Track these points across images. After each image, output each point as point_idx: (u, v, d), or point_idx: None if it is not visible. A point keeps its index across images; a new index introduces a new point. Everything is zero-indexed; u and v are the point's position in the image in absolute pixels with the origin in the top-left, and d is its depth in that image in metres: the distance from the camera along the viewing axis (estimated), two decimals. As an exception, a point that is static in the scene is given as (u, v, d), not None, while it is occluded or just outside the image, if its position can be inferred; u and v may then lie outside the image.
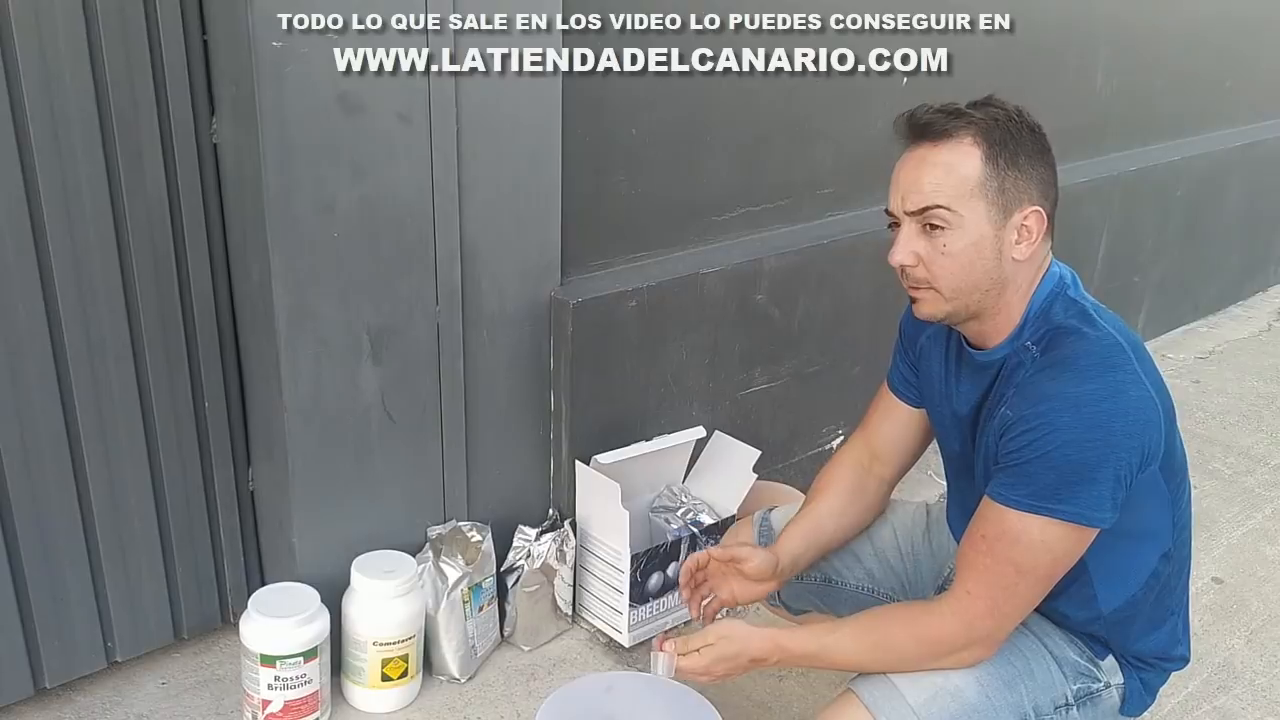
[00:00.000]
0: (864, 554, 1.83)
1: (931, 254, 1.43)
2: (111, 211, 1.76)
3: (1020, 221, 1.42)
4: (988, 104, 1.45)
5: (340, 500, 2.00)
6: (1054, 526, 1.36)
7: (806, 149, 2.64)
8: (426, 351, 2.01)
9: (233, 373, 1.99)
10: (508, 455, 2.22)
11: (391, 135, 1.84)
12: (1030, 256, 1.44)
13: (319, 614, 1.91)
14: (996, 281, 1.44)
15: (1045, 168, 1.44)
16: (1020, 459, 1.37)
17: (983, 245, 1.42)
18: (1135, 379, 1.38)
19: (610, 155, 2.23)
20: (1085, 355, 1.39)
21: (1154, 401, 1.38)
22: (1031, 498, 1.36)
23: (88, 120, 1.69)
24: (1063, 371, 1.38)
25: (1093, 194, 3.46)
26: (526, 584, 2.17)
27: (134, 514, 1.94)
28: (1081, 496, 1.34)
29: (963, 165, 1.40)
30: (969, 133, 1.41)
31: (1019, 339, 1.47)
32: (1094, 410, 1.34)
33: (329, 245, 1.83)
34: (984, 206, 1.40)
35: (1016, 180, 1.40)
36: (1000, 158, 1.40)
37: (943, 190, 1.41)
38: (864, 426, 1.81)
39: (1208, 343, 4.19)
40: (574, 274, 2.23)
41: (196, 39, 1.77)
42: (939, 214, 1.41)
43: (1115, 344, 1.41)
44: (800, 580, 1.81)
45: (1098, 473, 1.34)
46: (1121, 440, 1.34)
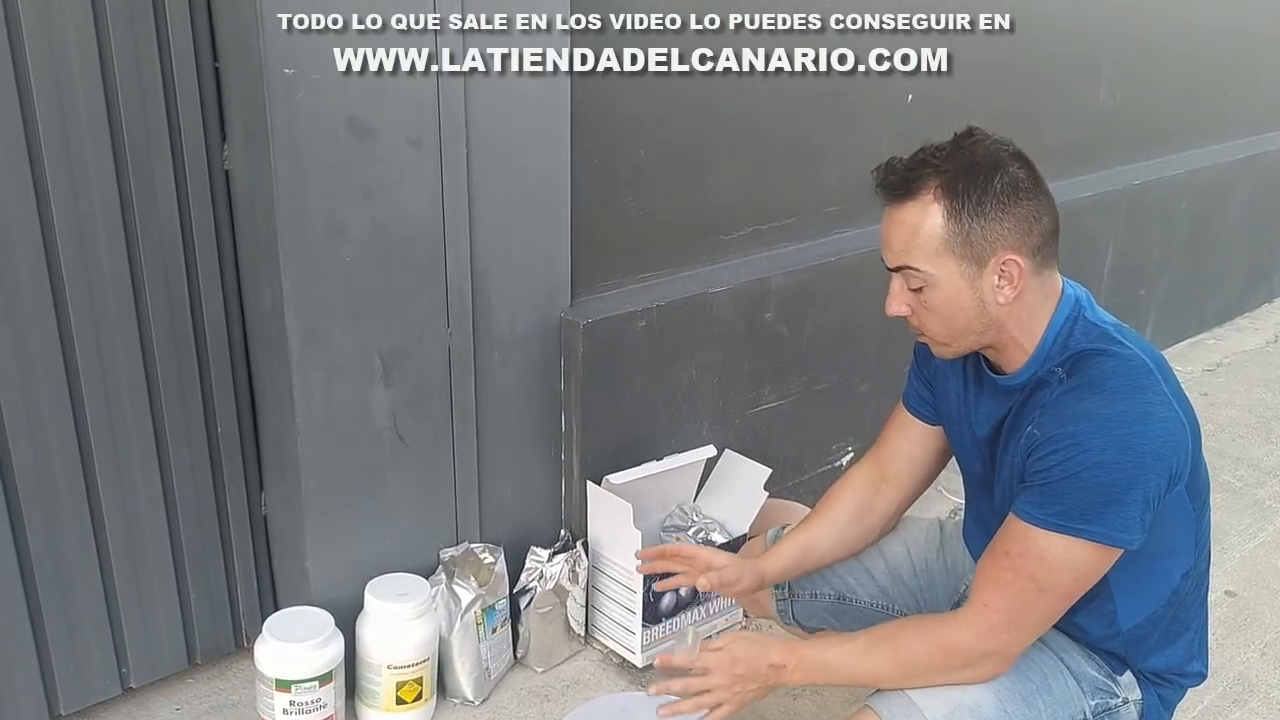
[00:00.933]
0: (877, 571, 1.83)
1: (917, 307, 1.46)
2: (124, 237, 1.77)
3: (997, 269, 1.40)
4: (963, 145, 1.42)
5: (353, 523, 2.01)
6: (1079, 546, 1.36)
7: (812, 167, 2.65)
8: (438, 373, 2.01)
9: (245, 397, 2.00)
10: (519, 476, 2.22)
11: (402, 158, 1.85)
12: (1020, 296, 1.42)
13: (334, 637, 1.91)
14: (988, 325, 1.45)
15: (1021, 208, 1.39)
16: (1049, 478, 1.37)
17: (960, 298, 1.42)
18: (1164, 400, 1.37)
19: (618, 175, 2.24)
20: (1114, 376, 1.38)
21: (1182, 422, 1.38)
22: (1059, 517, 1.36)
23: (101, 148, 1.70)
24: (1093, 392, 1.38)
25: (1097, 208, 3.47)
26: (539, 605, 2.17)
27: (147, 539, 1.94)
28: (1110, 517, 1.34)
29: (925, 224, 1.39)
30: (930, 188, 1.39)
31: (1043, 364, 1.46)
32: (1124, 432, 1.34)
33: (340, 268, 1.84)
34: (953, 261, 1.40)
35: (984, 231, 1.38)
36: (964, 211, 1.38)
37: (910, 251, 1.41)
38: (878, 445, 1.80)
39: (1215, 355, 4.19)
40: (583, 294, 2.23)
41: (208, 67, 1.79)
42: (911, 274, 1.43)
43: (1143, 364, 1.40)
44: (814, 598, 1.81)
45: (1127, 494, 1.33)
46: (1151, 462, 1.33)
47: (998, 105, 3.09)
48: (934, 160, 1.40)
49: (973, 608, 1.44)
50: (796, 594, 1.83)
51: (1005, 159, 1.40)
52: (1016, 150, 1.43)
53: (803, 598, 1.82)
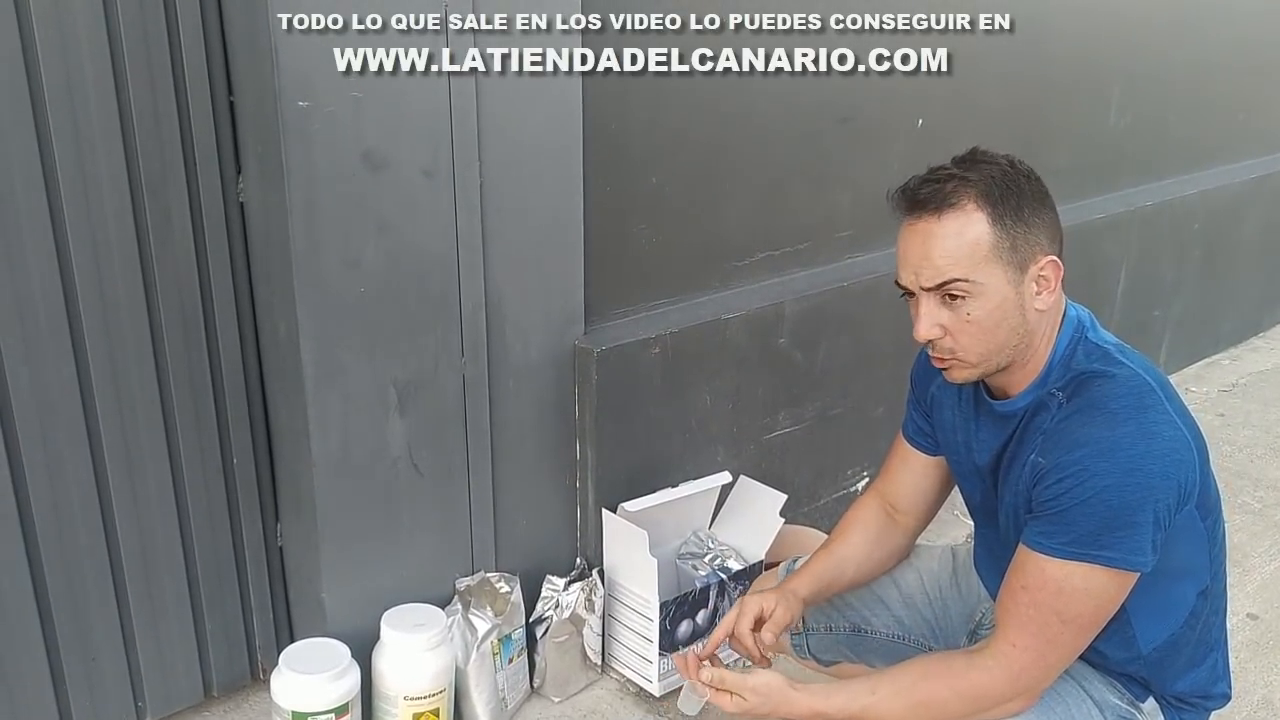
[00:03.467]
0: (891, 601, 1.81)
1: (956, 323, 1.41)
2: (141, 270, 1.78)
3: (1037, 273, 1.40)
4: (977, 160, 1.42)
5: (369, 554, 2.00)
6: (1097, 573, 1.35)
7: (824, 193, 2.65)
8: (453, 403, 2.02)
9: (260, 428, 2.00)
10: (534, 504, 2.22)
11: (416, 190, 1.85)
12: (1053, 304, 1.43)
13: (350, 669, 1.90)
14: (1023, 337, 1.42)
15: (1049, 211, 1.41)
16: (1058, 506, 1.36)
17: (1006, 306, 1.39)
18: (1167, 418, 1.36)
19: (631, 203, 2.24)
20: (1115, 398, 1.37)
21: (1187, 440, 1.36)
22: (1072, 545, 1.35)
23: (117, 181, 1.72)
24: (1094, 415, 1.36)
25: (1110, 229, 3.47)
26: (555, 634, 2.16)
27: (163, 571, 1.94)
28: (1123, 541, 1.33)
29: (970, 232, 1.37)
30: (969, 197, 1.37)
31: (1043, 387, 1.45)
32: (1129, 453, 1.32)
33: (355, 300, 1.84)
34: (1000, 269, 1.38)
35: (1026, 234, 1.38)
36: (1006, 216, 1.37)
37: (957, 262, 1.38)
38: (882, 477, 1.80)
39: (1230, 376, 4.17)
40: (597, 322, 2.24)
41: (223, 100, 1.80)
42: (958, 286, 1.38)
43: (1144, 383, 1.39)
44: (829, 632, 1.79)
45: (1137, 516, 1.32)
46: (1159, 482, 1.32)
47: (1008, 127, 3.09)
48: (960, 173, 1.39)
49: (998, 648, 1.42)
50: (811, 628, 1.81)
51: (1020, 169, 1.41)
52: (1021, 163, 1.43)
53: (818, 631, 1.81)
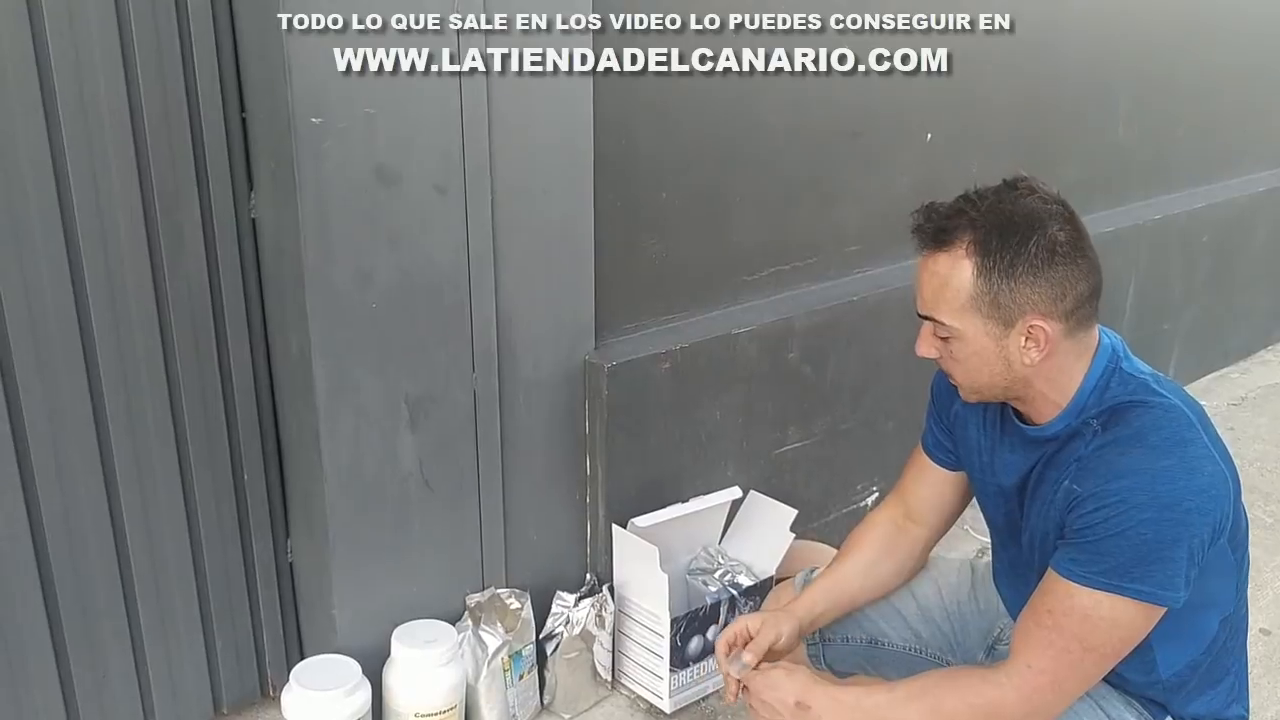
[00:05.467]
0: (909, 614, 1.80)
1: (945, 355, 1.44)
2: (153, 285, 1.78)
3: (1024, 330, 1.36)
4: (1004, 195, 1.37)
5: (379, 570, 2.00)
6: (1126, 605, 1.33)
7: (833, 207, 2.65)
8: (463, 418, 2.01)
9: (271, 444, 2.00)
10: (545, 520, 2.22)
11: (428, 206, 1.86)
12: (1049, 357, 1.39)
13: (361, 685, 1.89)
14: (1015, 381, 1.42)
15: (1054, 273, 1.34)
16: (1093, 536, 1.34)
17: (985, 355, 1.39)
18: (1207, 453, 1.34)
19: (641, 219, 2.25)
20: (1155, 430, 1.35)
21: (1225, 476, 1.34)
22: (1104, 575, 1.33)
23: (130, 197, 1.72)
24: (1134, 447, 1.34)
25: (1118, 243, 3.46)
26: (566, 651, 2.15)
27: (174, 587, 1.94)
28: (1156, 575, 1.31)
29: (954, 278, 1.36)
30: (964, 241, 1.35)
31: (1076, 416, 1.42)
32: (1170, 488, 1.30)
33: (367, 315, 1.84)
34: (979, 320, 1.37)
35: (1013, 293, 1.34)
36: (994, 271, 1.34)
37: (938, 304, 1.39)
38: (899, 488, 1.79)
39: (1239, 389, 4.16)
40: (607, 337, 2.23)
41: (236, 117, 1.81)
42: (939, 326, 1.41)
43: (1183, 415, 1.36)
44: (846, 643, 1.79)
45: (1173, 552, 1.30)
46: (1197, 519, 1.30)
47: (1016, 142, 3.10)
48: (972, 211, 1.36)
49: (1015, 667, 1.40)
50: (828, 639, 1.81)
51: (1047, 218, 1.35)
52: (1062, 209, 1.37)
53: (834, 642, 1.80)
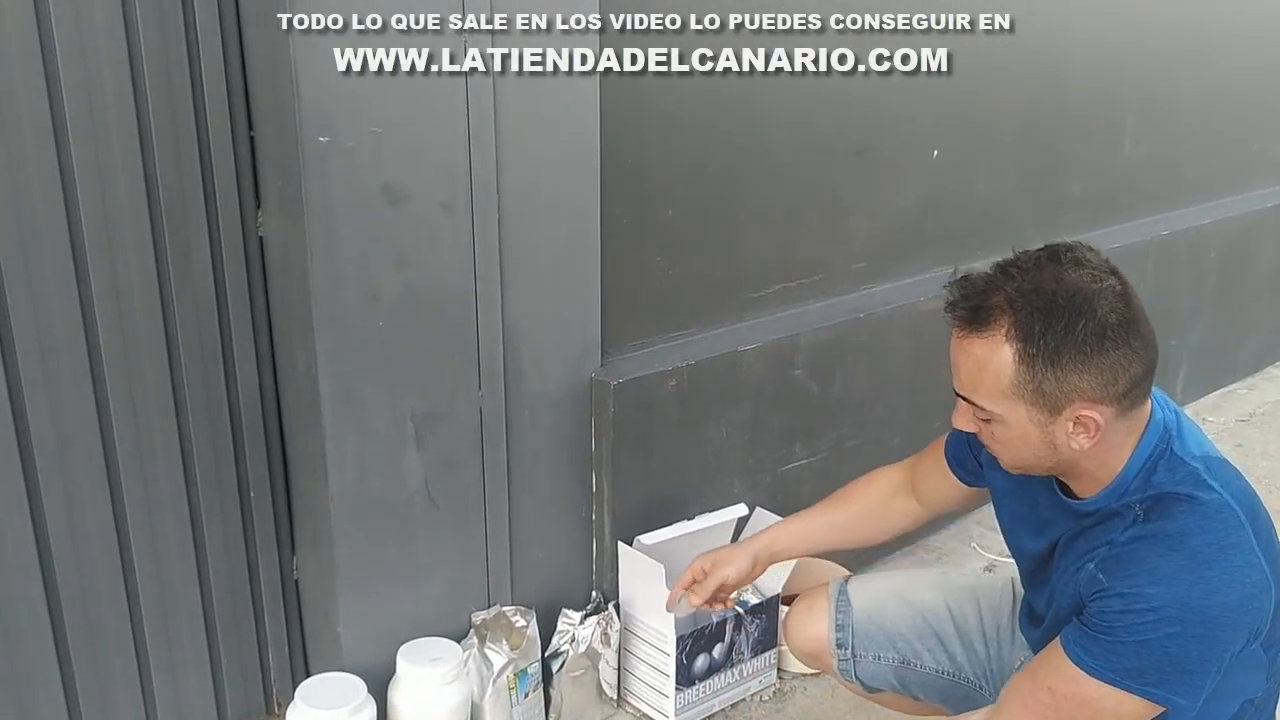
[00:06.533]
0: (947, 637, 1.77)
1: (985, 433, 1.37)
2: (160, 303, 1.79)
3: (1072, 417, 1.28)
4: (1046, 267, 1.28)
5: (385, 588, 2.00)
6: (1132, 702, 1.28)
7: (839, 224, 2.65)
8: (470, 436, 2.01)
9: (277, 461, 2.00)
10: (550, 538, 2.22)
11: (434, 224, 1.86)
12: (1100, 440, 1.30)
13: (366, 703, 1.89)
14: (1060, 463, 1.35)
15: (1106, 359, 1.25)
16: (1114, 635, 1.28)
17: (1030, 439, 1.32)
18: (1252, 560, 1.26)
19: (647, 235, 2.25)
20: (1200, 533, 1.26)
21: (1269, 583, 1.27)
22: (1117, 673, 1.28)
23: (138, 215, 1.73)
24: (1174, 550, 1.26)
25: (1125, 259, 3.40)
26: (571, 668, 2.15)
27: (179, 604, 1.94)
28: (1174, 684, 1.26)
29: (994, 363, 1.27)
30: (1003, 324, 1.27)
31: (1118, 497, 1.35)
32: (1206, 604, 1.23)
33: (374, 333, 1.85)
34: (1023, 407, 1.29)
35: (1059, 381, 1.25)
36: (1038, 358, 1.25)
37: (978, 389, 1.31)
38: (916, 462, 1.78)
39: (1247, 405, 4.14)
40: (614, 354, 2.23)
41: (244, 135, 1.81)
42: (980, 410, 1.33)
43: (1232, 515, 1.28)
44: (878, 660, 1.76)
45: (1196, 665, 1.25)
46: (1229, 634, 1.25)
47: (1023, 158, 3.10)
48: (1011, 289, 1.27)
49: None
50: (860, 655, 1.77)
51: (1095, 298, 1.25)
52: (1113, 283, 1.28)
53: (866, 659, 1.77)
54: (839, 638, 1.76)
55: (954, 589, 1.80)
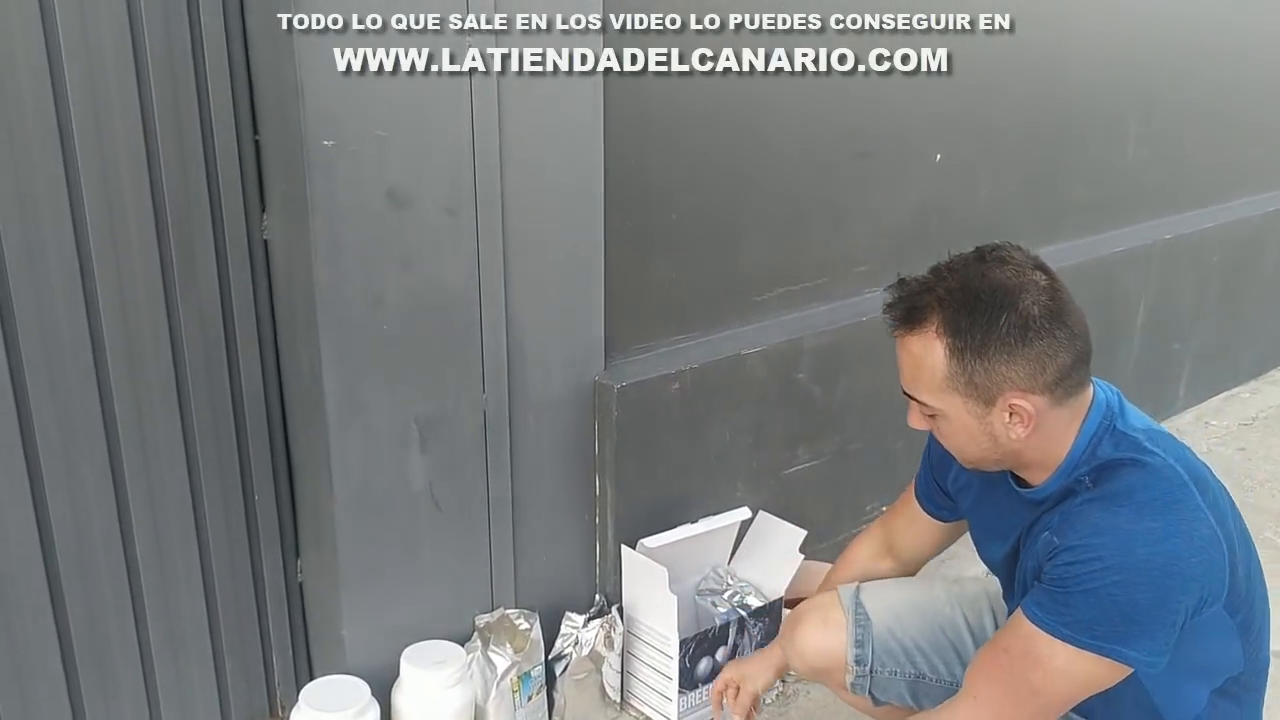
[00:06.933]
0: (966, 650, 1.74)
1: (936, 430, 1.44)
2: (165, 306, 1.79)
3: (1006, 407, 1.34)
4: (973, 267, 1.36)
5: (389, 590, 2.00)
6: (1085, 659, 1.31)
7: (842, 228, 2.66)
8: (473, 439, 2.02)
9: (282, 464, 2.01)
10: (554, 541, 2.22)
11: (439, 228, 1.87)
12: (1036, 429, 1.36)
13: (370, 706, 1.89)
14: (1006, 455, 1.41)
15: (1031, 349, 1.31)
16: (1063, 587, 1.32)
17: (971, 431, 1.38)
18: (1198, 515, 1.30)
19: (651, 239, 2.25)
20: (1144, 489, 1.32)
21: (1218, 538, 1.30)
22: (1068, 627, 1.31)
23: (143, 218, 1.73)
24: (1120, 505, 1.31)
25: (1129, 263, 3.46)
26: (575, 672, 2.15)
27: (184, 607, 1.94)
28: (1123, 636, 1.29)
29: (928, 359, 1.35)
30: (933, 321, 1.34)
31: (1069, 475, 1.40)
32: (1150, 551, 1.27)
33: (378, 337, 1.85)
34: (959, 400, 1.35)
35: (988, 373, 1.32)
36: (966, 350, 1.32)
37: (918, 385, 1.39)
38: (886, 521, 1.83)
39: (1250, 409, 4.14)
40: (617, 358, 2.24)
41: (248, 139, 1.82)
42: (921, 406, 1.41)
43: (1176, 475, 1.33)
44: (893, 676, 1.75)
45: (1145, 616, 1.28)
46: (1178, 584, 1.28)
47: (1026, 162, 3.10)
48: (940, 288, 1.35)
49: (962, 697, 1.41)
50: (877, 671, 1.75)
51: (1018, 293, 1.32)
52: (1037, 278, 1.34)
53: (882, 675, 1.75)
54: (858, 654, 1.71)
55: (968, 599, 1.78)
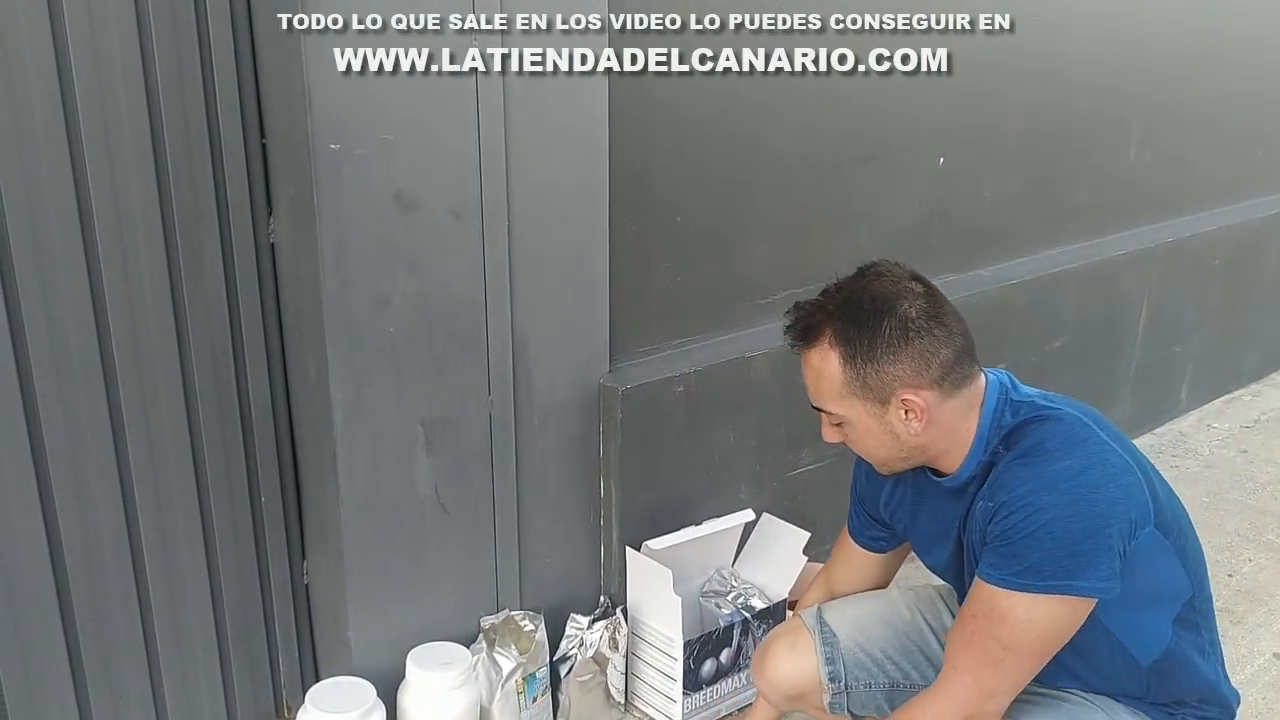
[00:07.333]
0: (932, 652, 1.78)
1: (847, 440, 1.54)
2: (173, 309, 1.80)
3: (899, 405, 1.45)
4: (855, 283, 1.47)
5: (395, 592, 2.01)
6: (1042, 603, 1.37)
7: (845, 230, 2.66)
8: (479, 441, 2.03)
9: (288, 467, 2.02)
10: (559, 542, 2.23)
11: (445, 231, 1.87)
12: (932, 422, 1.46)
13: (375, 708, 1.90)
14: (912, 450, 1.50)
15: (913, 348, 1.43)
16: (1006, 540, 1.39)
17: (875, 432, 1.48)
18: (1106, 448, 1.41)
19: (655, 242, 2.26)
20: (1052, 436, 1.43)
21: (1129, 464, 1.41)
22: (1017, 576, 1.38)
23: (151, 222, 1.74)
24: (1035, 456, 1.42)
25: (1131, 266, 3.47)
26: (579, 673, 2.16)
27: (191, 608, 1.95)
28: (1070, 570, 1.35)
29: (826, 369, 1.46)
30: (826, 334, 1.46)
31: (985, 450, 1.49)
32: (1072, 484, 1.37)
33: (385, 340, 1.86)
34: (859, 403, 1.46)
35: (878, 374, 1.43)
36: (856, 356, 1.43)
37: (822, 396, 1.49)
38: (826, 578, 1.89)
39: (1252, 412, 4.14)
40: (622, 360, 2.25)
41: (255, 143, 1.83)
42: (828, 415, 1.51)
43: (1075, 419, 1.45)
44: (869, 688, 1.77)
45: (1084, 545, 1.35)
46: (1105, 509, 1.36)
47: (1029, 165, 3.11)
48: (830, 305, 1.47)
49: (943, 673, 1.46)
50: (852, 686, 1.77)
51: (896, 300, 1.44)
52: (912, 286, 1.46)
53: (858, 689, 1.77)
54: (831, 671, 1.75)
55: (925, 601, 1.83)
